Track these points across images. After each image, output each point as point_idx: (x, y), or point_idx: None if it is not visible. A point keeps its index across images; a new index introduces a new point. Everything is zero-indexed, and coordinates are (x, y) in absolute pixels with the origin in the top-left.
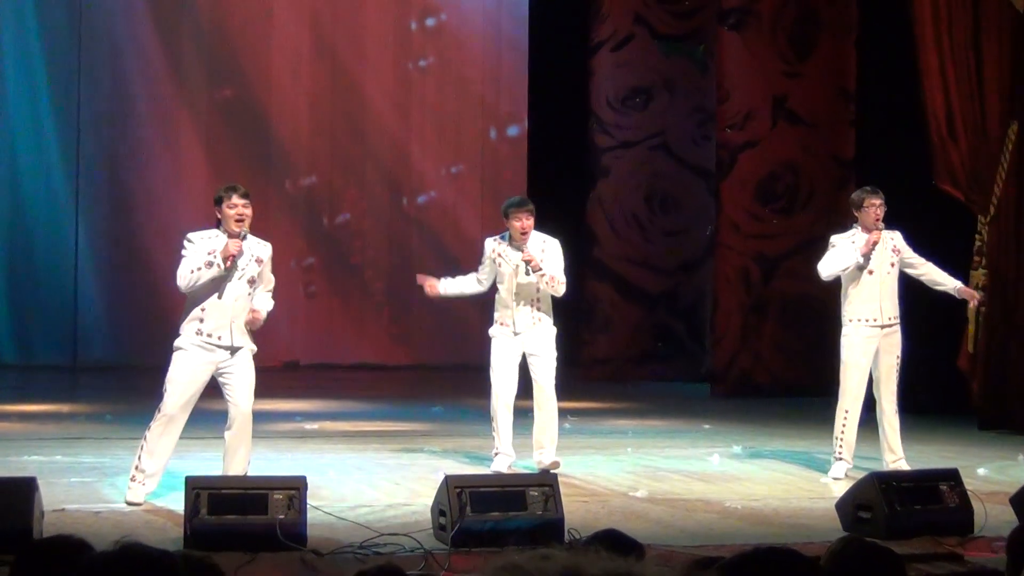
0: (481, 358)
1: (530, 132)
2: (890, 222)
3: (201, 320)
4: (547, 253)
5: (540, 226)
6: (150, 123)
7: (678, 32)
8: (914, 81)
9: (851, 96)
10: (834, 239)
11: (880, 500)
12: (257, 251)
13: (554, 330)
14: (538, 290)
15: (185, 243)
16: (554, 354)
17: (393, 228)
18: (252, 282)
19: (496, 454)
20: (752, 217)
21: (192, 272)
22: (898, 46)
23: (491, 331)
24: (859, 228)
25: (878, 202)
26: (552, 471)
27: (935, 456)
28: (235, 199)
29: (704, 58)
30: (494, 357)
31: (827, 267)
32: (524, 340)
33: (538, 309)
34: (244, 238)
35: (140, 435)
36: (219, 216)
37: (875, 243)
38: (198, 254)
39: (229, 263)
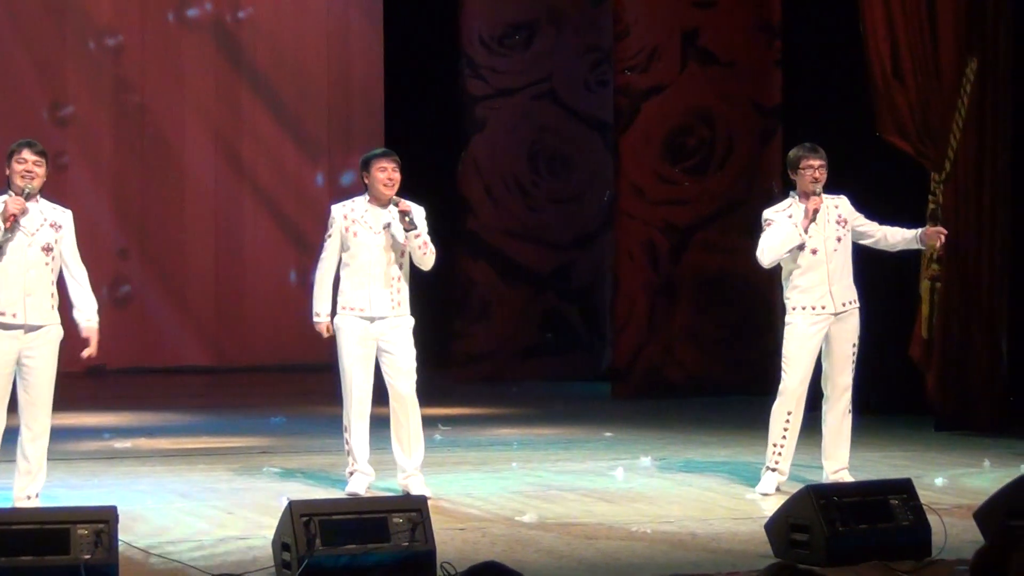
0: (329, 356)
1: (386, 79)
2: (831, 185)
3: None
4: (417, 219)
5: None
6: None
7: None
8: (852, 12)
9: (775, 30)
10: (768, 214)
11: (818, 519)
12: (52, 216)
13: (412, 320)
14: (400, 266)
15: None
16: (413, 351)
17: (220, 194)
18: (48, 250)
19: (351, 473)
20: (659, 179)
21: None
22: None
23: (336, 321)
24: (796, 196)
25: (817, 163)
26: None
27: (884, 464)
28: (26, 154)
29: None
30: (344, 353)
31: (768, 251)
32: (379, 330)
33: (398, 291)
34: (28, 197)
35: None
36: (8, 173)
37: (816, 211)
38: None
39: (10, 223)
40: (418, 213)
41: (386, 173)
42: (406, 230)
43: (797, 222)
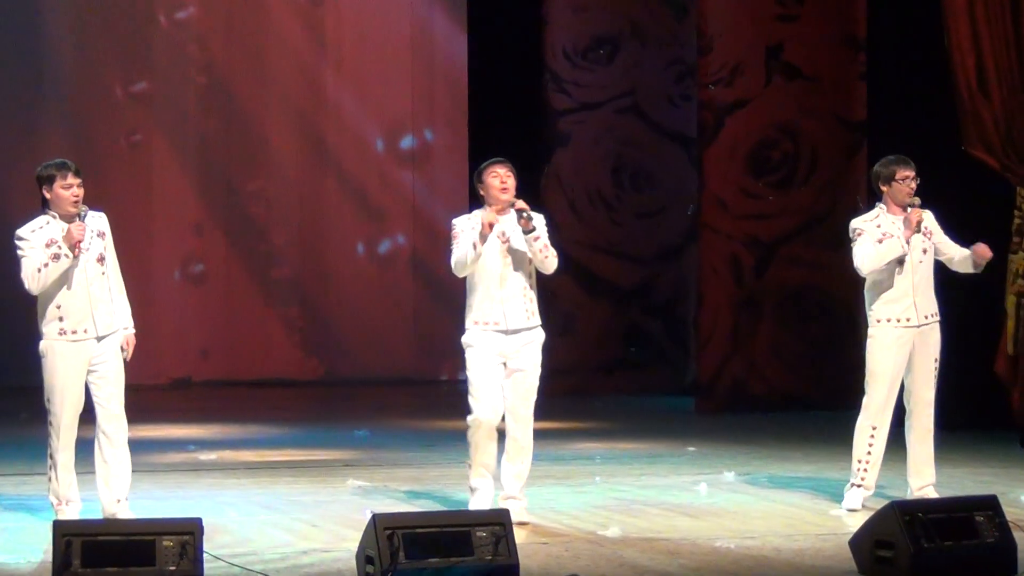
0: (411, 369)
1: (471, 93)
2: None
3: (61, 318)
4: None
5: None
6: None
7: None
8: (937, 26)
9: (860, 44)
10: (857, 223)
11: (903, 536)
12: (96, 224)
13: (543, 334)
14: (529, 274)
15: (18, 242)
16: (539, 370)
17: (306, 202)
18: (101, 260)
19: (475, 491)
20: (743, 193)
21: (40, 271)
22: None
23: (466, 338)
24: (883, 208)
25: (911, 174)
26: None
27: (969, 480)
28: (70, 178)
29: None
30: (474, 371)
31: (869, 260)
32: (513, 347)
33: (531, 300)
34: (84, 218)
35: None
36: (47, 196)
37: (919, 222)
38: (38, 249)
39: (77, 250)
40: (538, 220)
41: (499, 178)
42: (525, 231)
43: (895, 233)
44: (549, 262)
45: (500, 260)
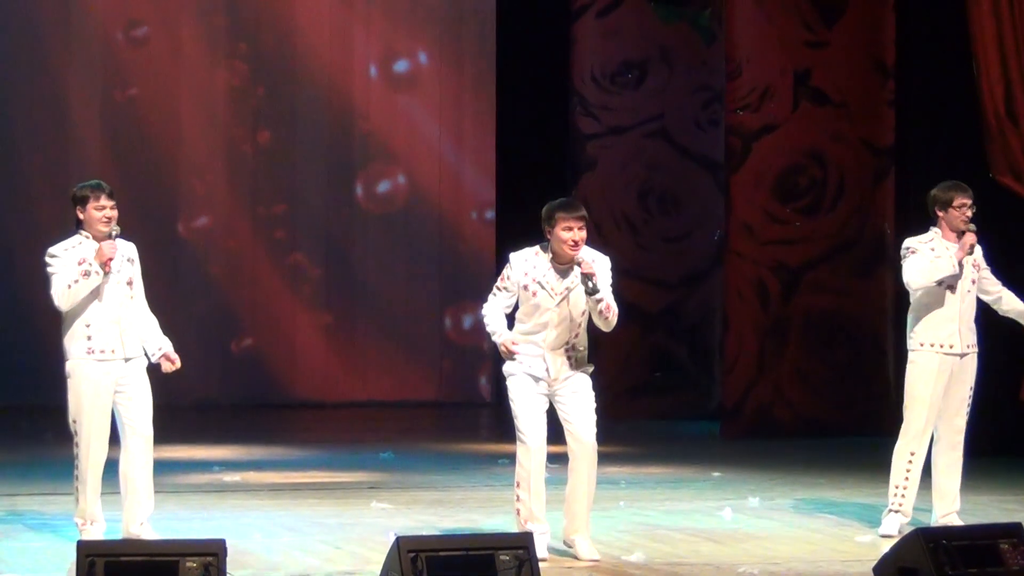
0: (437, 391)
1: (498, 116)
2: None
3: (89, 337)
4: (598, 272)
5: (512, 232)
6: None
7: None
8: (965, 52)
9: (889, 71)
10: (911, 243)
11: (928, 562)
12: (126, 251)
13: (591, 368)
14: (579, 332)
15: (49, 260)
16: (592, 394)
17: (333, 227)
18: (130, 284)
19: (529, 527)
20: (770, 218)
21: (69, 288)
22: (945, 9)
23: (507, 367)
24: (937, 232)
25: (968, 202)
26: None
27: (994, 508)
28: (103, 200)
29: (711, 25)
30: (518, 399)
31: (921, 275)
32: (555, 386)
33: (578, 351)
34: (115, 238)
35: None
36: (80, 217)
37: (972, 245)
38: (69, 267)
39: (108, 268)
40: (603, 264)
41: (572, 233)
42: (588, 293)
43: (950, 255)
44: (610, 322)
45: (554, 313)
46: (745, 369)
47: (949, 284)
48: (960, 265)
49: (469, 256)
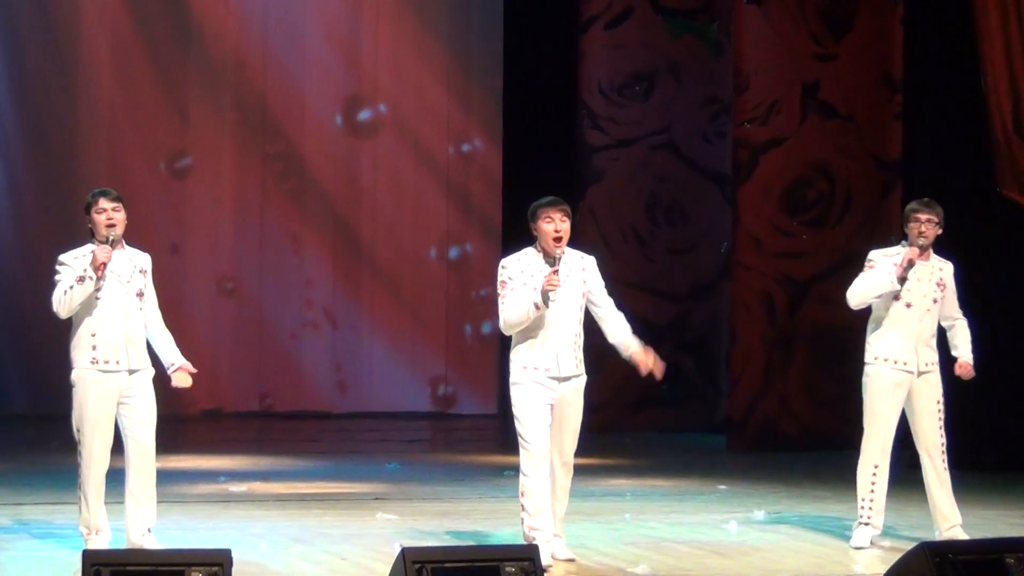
0: (443, 402)
1: (506, 128)
2: (945, 244)
3: (94, 347)
4: (587, 273)
5: (518, 245)
6: None
7: (687, 6)
8: (973, 67)
9: (896, 84)
10: (874, 255)
11: None
12: (138, 261)
13: (586, 378)
14: (579, 321)
15: (57, 267)
16: (583, 405)
17: (338, 237)
18: (141, 295)
19: (533, 535)
20: (777, 231)
21: (65, 293)
22: (954, 23)
23: (514, 377)
24: (907, 245)
25: (924, 217)
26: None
27: (1000, 522)
28: (103, 203)
29: (718, 38)
30: (524, 409)
31: (857, 291)
32: (561, 392)
33: (579, 347)
34: (113, 244)
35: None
36: (90, 225)
37: (911, 261)
38: (71, 273)
39: (100, 272)
40: (592, 265)
41: (553, 224)
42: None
43: (909, 275)
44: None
45: (554, 306)
46: (751, 381)
47: (906, 302)
48: (902, 280)
49: (475, 267)
